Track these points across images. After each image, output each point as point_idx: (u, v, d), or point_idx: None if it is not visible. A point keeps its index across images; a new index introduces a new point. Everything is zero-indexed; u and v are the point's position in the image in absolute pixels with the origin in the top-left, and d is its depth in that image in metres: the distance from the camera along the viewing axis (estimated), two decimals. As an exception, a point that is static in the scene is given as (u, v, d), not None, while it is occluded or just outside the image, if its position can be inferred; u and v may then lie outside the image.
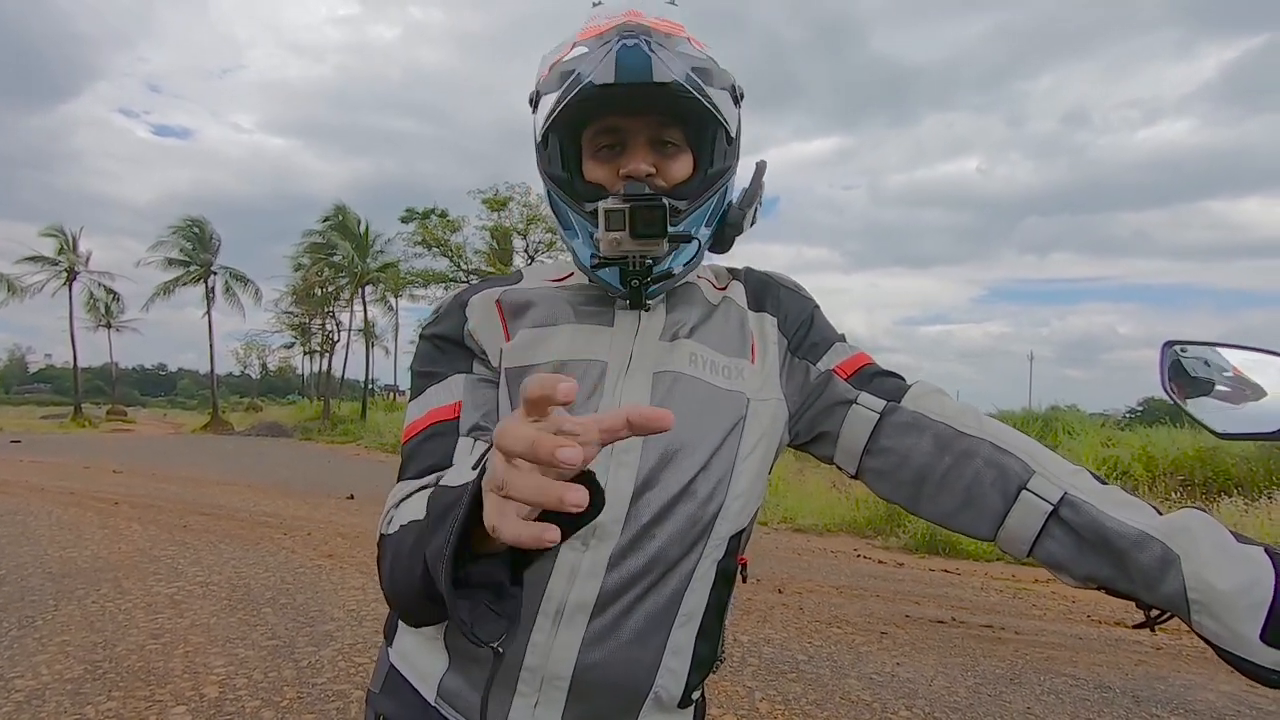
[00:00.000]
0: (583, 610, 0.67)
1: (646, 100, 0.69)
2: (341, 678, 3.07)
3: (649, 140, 0.72)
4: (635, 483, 0.68)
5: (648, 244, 0.68)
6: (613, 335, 0.74)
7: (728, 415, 0.73)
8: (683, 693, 0.72)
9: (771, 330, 0.80)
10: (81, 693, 2.83)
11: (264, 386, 67.36)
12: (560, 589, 0.67)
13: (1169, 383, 0.67)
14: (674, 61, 0.67)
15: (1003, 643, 3.88)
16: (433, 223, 25.75)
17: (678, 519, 0.69)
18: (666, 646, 0.70)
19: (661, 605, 0.69)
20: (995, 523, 0.68)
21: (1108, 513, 0.63)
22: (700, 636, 0.73)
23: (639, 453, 0.69)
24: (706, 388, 0.73)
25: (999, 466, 0.68)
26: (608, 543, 0.68)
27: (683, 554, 0.70)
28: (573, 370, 0.71)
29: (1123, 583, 0.62)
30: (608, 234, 0.67)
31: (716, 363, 0.74)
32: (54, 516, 6.76)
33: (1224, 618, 0.56)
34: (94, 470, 11.43)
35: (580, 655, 0.67)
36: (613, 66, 0.66)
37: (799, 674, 3.30)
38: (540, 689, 0.68)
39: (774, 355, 0.78)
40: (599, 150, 0.73)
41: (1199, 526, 0.59)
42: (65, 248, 31.32)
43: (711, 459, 0.71)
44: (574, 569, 0.68)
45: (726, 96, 0.71)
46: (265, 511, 7.57)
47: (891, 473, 0.73)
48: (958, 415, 0.71)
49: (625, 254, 0.69)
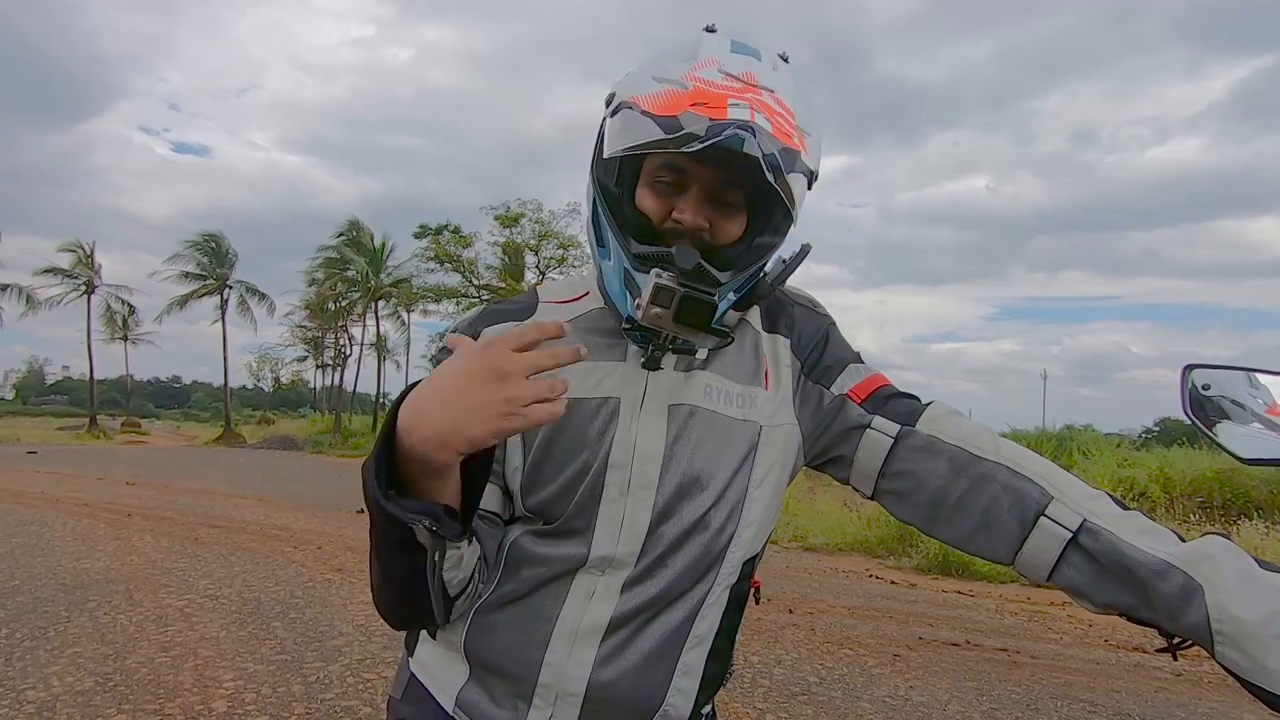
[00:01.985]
0: (595, 632, 0.69)
1: (723, 159, 0.66)
2: (349, 693, 3.06)
3: (710, 192, 0.70)
4: (652, 515, 0.70)
5: (686, 332, 0.67)
6: (624, 371, 0.74)
7: (741, 445, 0.73)
8: (692, 710, 0.73)
9: (785, 353, 0.79)
10: (92, 705, 2.83)
11: (276, 400, 67.82)
12: (575, 612, 0.69)
13: (1190, 406, 0.66)
14: (765, 139, 0.64)
15: (1018, 667, 3.81)
16: (445, 238, 25.99)
17: (692, 549, 0.71)
18: (677, 668, 0.71)
19: (673, 629, 0.71)
20: (1013, 548, 0.67)
21: (1128, 540, 0.62)
22: (711, 657, 0.74)
23: (655, 488, 0.70)
24: (722, 420, 0.73)
25: (1016, 492, 0.67)
26: (623, 570, 0.70)
27: (695, 581, 0.72)
28: (585, 409, 0.71)
29: (1144, 611, 0.62)
30: (651, 307, 0.65)
31: (730, 392, 0.75)
32: (68, 527, 6.81)
33: (1249, 650, 0.55)
34: (108, 482, 11.52)
35: (593, 674, 0.69)
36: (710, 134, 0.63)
37: (810, 696, 3.25)
38: (555, 704, 0.69)
39: (787, 379, 0.78)
40: (657, 183, 0.71)
41: (1222, 554, 0.59)
42: (83, 262, 31.82)
43: (726, 490, 0.72)
44: (589, 593, 0.70)
45: (802, 181, 0.69)
46: (276, 525, 7.59)
47: (908, 496, 0.73)
48: (974, 438, 0.71)
49: (661, 330, 0.67)
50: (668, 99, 0.66)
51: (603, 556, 0.70)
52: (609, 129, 0.71)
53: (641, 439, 0.71)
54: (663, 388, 0.73)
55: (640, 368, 0.73)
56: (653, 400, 0.72)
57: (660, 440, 0.71)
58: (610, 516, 0.70)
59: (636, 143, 0.66)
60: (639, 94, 0.68)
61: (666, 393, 0.73)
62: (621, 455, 0.70)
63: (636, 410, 0.72)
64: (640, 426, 0.71)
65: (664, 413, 0.72)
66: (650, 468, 0.70)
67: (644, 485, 0.70)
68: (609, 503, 0.70)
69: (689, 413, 0.72)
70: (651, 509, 0.70)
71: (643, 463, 0.70)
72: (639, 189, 0.72)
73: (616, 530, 0.70)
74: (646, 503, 0.70)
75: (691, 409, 0.73)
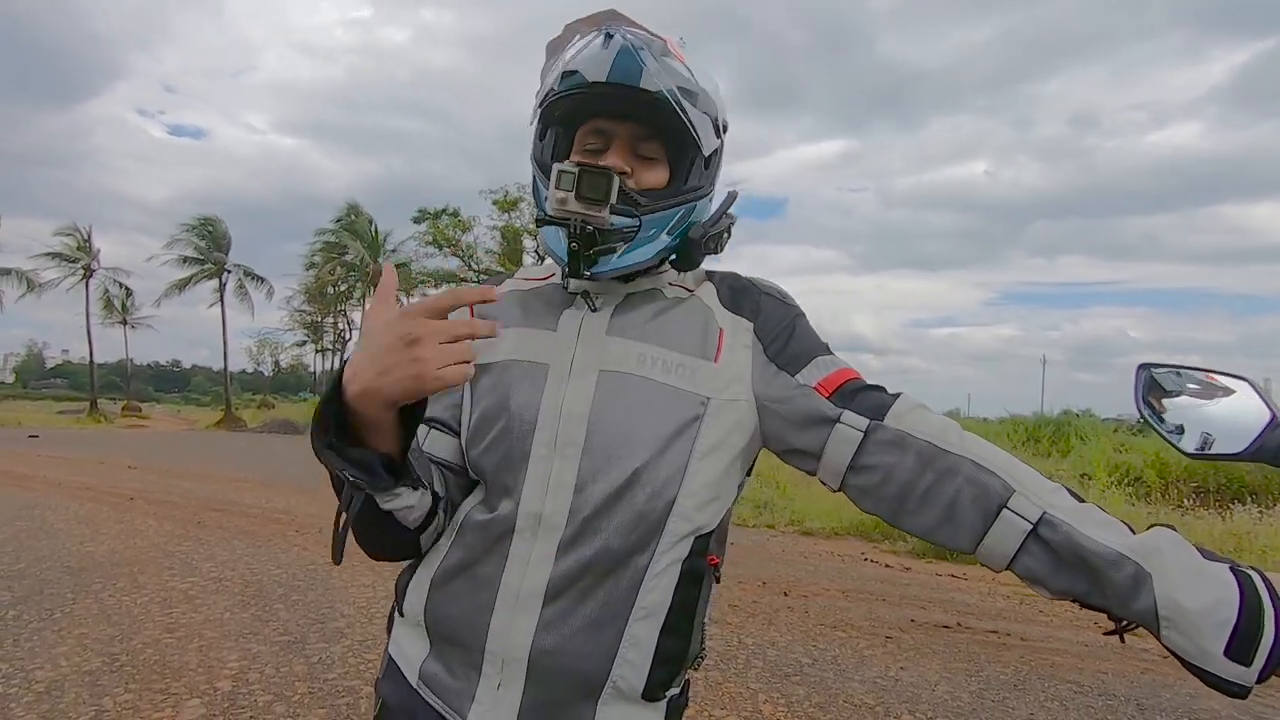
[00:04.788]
0: (535, 596, 0.72)
1: (632, 105, 0.74)
2: (351, 674, 3.12)
3: (631, 146, 0.77)
4: (578, 474, 0.73)
5: (591, 208, 0.71)
6: (555, 338, 0.78)
7: (679, 413, 0.75)
8: (645, 686, 0.74)
9: (745, 334, 0.80)
10: (99, 684, 2.89)
11: (276, 384, 67.86)
12: (515, 577, 0.73)
13: (1142, 403, 0.69)
14: (662, 76, 0.72)
15: (1008, 649, 3.88)
16: (444, 223, 25.90)
17: (623, 512, 0.72)
18: (624, 639, 0.73)
19: (617, 599, 0.73)
20: (975, 539, 0.70)
21: (1085, 532, 0.65)
22: (665, 632, 0.74)
23: (581, 446, 0.73)
24: (655, 386, 0.75)
25: (980, 485, 0.70)
26: (554, 533, 0.72)
27: (633, 549, 0.73)
28: (517, 372, 0.77)
29: (1096, 598, 0.66)
30: (556, 191, 0.71)
31: (669, 361, 0.76)
32: (71, 511, 6.87)
33: (1191, 635, 0.59)
34: (109, 466, 11.59)
35: (535, 639, 0.71)
36: (607, 67, 0.72)
37: (803, 677, 3.32)
38: (501, 670, 0.73)
39: (744, 359, 0.79)
40: (586, 150, 0.78)
41: (1169, 547, 0.63)
42: (81, 245, 31.73)
43: (661, 456, 0.73)
44: (526, 559, 0.73)
45: (708, 122, 0.77)
46: (277, 509, 7.66)
47: (874, 489, 0.74)
48: (940, 433, 0.73)
49: (569, 214, 0.72)
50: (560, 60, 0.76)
51: (531, 513, 0.72)
52: (534, 132, 0.82)
53: (569, 401, 0.74)
54: (593, 353, 0.77)
55: (575, 334, 0.78)
56: (583, 367, 0.76)
57: (586, 403, 0.74)
58: (537, 474, 0.73)
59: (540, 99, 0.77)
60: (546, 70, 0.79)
61: (597, 359, 0.76)
62: (548, 416, 0.74)
63: (565, 375, 0.76)
64: (568, 392, 0.75)
65: (593, 377, 0.75)
66: (576, 427, 0.73)
67: (569, 444, 0.73)
68: (536, 460, 0.73)
69: (619, 379, 0.75)
70: (577, 467, 0.72)
71: (569, 422, 0.74)
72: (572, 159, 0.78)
73: (544, 488, 0.72)
74: (573, 460, 0.72)
75: (623, 376, 0.75)
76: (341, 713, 2.74)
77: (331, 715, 2.71)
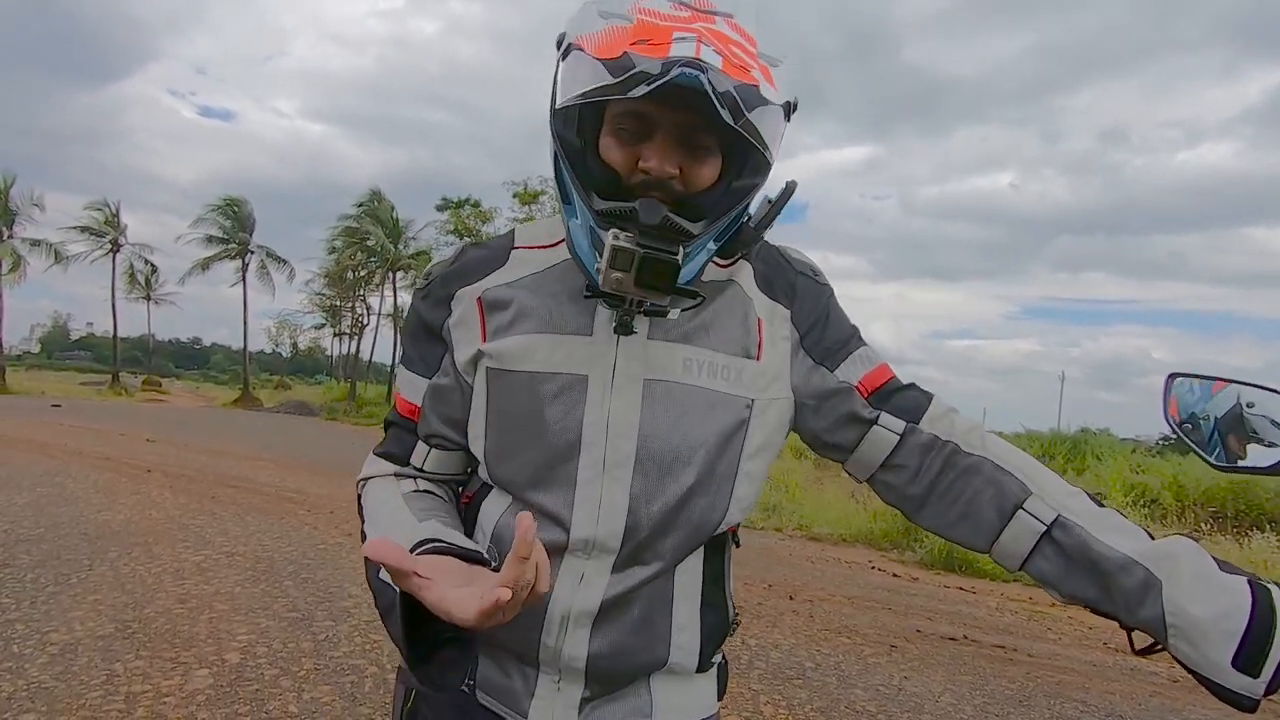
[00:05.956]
0: (588, 615, 0.69)
1: (687, 97, 0.61)
2: (357, 653, 3.15)
3: (678, 136, 0.65)
4: (630, 494, 0.68)
5: (651, 294, 0.63)
6: (590, 345, 0.70)
7: (727, 419, 0.71)
8: (698, 662, 0.75)
9: (783, 324, 0.75)
10: (112, 649, 2.95)
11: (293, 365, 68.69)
12: (565, 596, 0.69)
13: (1170, 413, 0.69)
14: (719, 79, 0.59)
15: (1014, 664, 3.84)
16: (466, 212, 26.04)
17: (680, 529, 0.70)
18: (672, 626, 0.72)
19: (658, 591, 0.72)
20: (990, 537, 0.71)
21: (1098, 536, 0.65)
22: (705, 608, 0.74)
23: (631, 465, 0.68)
24: (702, 393, 0.70)
25: (998, 485, 0.70)
26: (608, 556, 0.69)
27: (683, 557, 0.72)
28: (551, 384, 0.69)
29: (1105, 604, 0.66)
30: (611, 272, 0.61)
31: (715, 364, 0.71)
32: (90, 480, 7.00)
33: (1199, 643, 0.58)
34: (129, 438, 11.78)
35: (590, 648, 0.70)
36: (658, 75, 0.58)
37: (805, 680, 3.31)
38: (560, 673, 0.71)
39: (783, 352, 0.75)
40: (621, 131, 0.66)
41: (1184, 554, 0.62)
42: (109, 220, 32.24)
43: (713, 468, 0.70)
44: (578, 577, 0.69)
45: (777, 114, 0.64)
46: (291, 488, 7.75)
47: (901, 487, 0.75)
48: (965, 434, 0.74)
49: (624, 295, 0.64)
50: (610, 38, 0.61)
51: (584, 539, 0.68)
52: (561, 75, 0.64)
53: (615, 416, 0.68)
54: (635, 361, 0.69)
55: (612, 335, 0.69)
56: (624, 375, 0.69)
57: (635, 415, 0.68)
58: (587, 498, 0.68)
59: (582, 90, 0.61)
60: (584, 33, 0.63)
61: (641, 367, 0.69)
62: (594, 434, 0.68)
63: (607, 386, 0.68)
64: (613, 405, 0.68)
65: (638, 388, 0.69)
66: (625, 445, 0.68)
67: (619, 463, 0.67)
68: (584, 484, 0.68)
69: (665, 389, 0.69)
70: (629, 488, 0.68)
71: (617, 439, 0.67)
72: (602, 139, 0.67)
73: (595, 512, 0.68)
74: (624, 481, 0.68)
75: (668, 385, 0.69)
76: (346, 690, 2.77)
77: (336, 692, 2.75)
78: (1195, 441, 0.68)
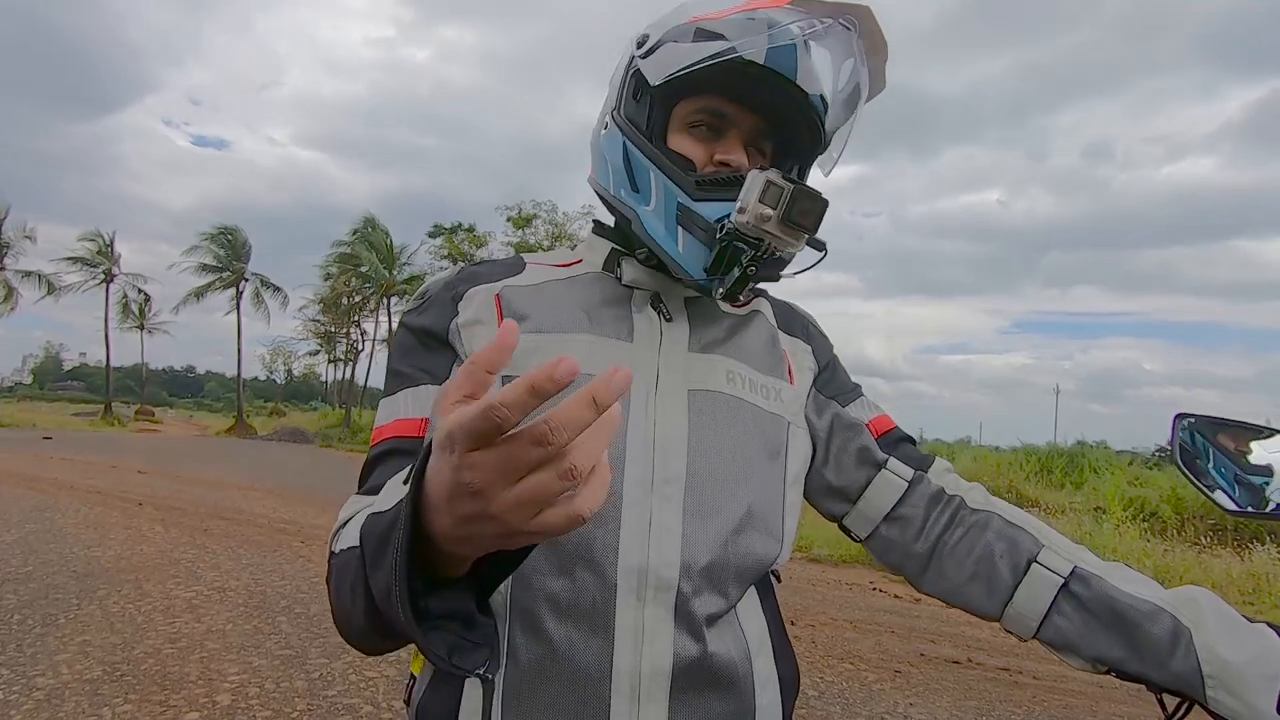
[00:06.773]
0: (662, 676, 0.58)
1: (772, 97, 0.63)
2: (352, 691, 3.08)
3: (748, 139, 0.66)
4: (684, 515, 0.61)
5: (792, 234, 0.59)
6: (631, 351, 0.65)
7: (771, 438, 0.68)
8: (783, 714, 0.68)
9: (805, 357, 0.76)
10: (99, 694, 2.87)
11: (288, 392, 68.32)
12: (628, 659, 0.58)
13: (1180, 455, 0.67)
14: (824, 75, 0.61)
15: (1020, 687, 3.78)
16: (459, 238, 26.15)
17: (741, 556, 0.63)
18: (754, 684, 0.63)
19: (734, 642, 0.63)
20: (1004, 598, 0.67)
21: (1117, 585, 0.63)
22: (778, 660, 0.68)
23: (683, 484, 0.61)
24: (750, 409, 0.67)
25: (1010, 539, 0.68)
26: (668, 594, 0.59)
27: (741, 595, 0.65)
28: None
29: (1133, 663, 0.61)
30: (760, 207, 0.58)
31: (755, 380, 0.68)
32: (80, 514, 6.90)
33: (1239, 692, 0.56)
34: (121, 470, 11.65)
35: None
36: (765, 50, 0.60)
37: (809, 710, 3.25)
38: None
39: (806, 383, 0.74)
40: (694, 128, 0.65)
41: (1205, 600, 0.60)
42: (103, 251, 32.23)
43: (764, 488, 0.66)
44: (637, 629, 0.58)
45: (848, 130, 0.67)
46: (284, 518, 7.65)
47: (906, 544, 0.72)
48: (970, 490, 0.72)
49: (762, 235, 0.60)
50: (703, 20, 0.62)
51: (634, 568, 0.59)
52: (650, 64, 0.64)
53: (662, 428, 0.62)
54: (678, 372, 0.65)
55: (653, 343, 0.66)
56: (670, 386, 0.64)
57: (683, 428, 0.63)
58: (635, 520, 0.60)
59: (698, 58, 0.60)
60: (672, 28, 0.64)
61: (683, 377, 0.65)
62: (639, 448, 0.61)
63: (651, 395, 0.63)
64: (659, 414, 0.63)
65: (683, 398, 0.64)
66: (675, 460, 0.61)
67: (669, 480, 0.61)
68: (631, 504, 0.60)
69: (711, 400, 0.65)
70: (682, 508, 0.61)
71: (665, 454, 0.61)
72: (672, 136, 0.66)
73: (644, 537, 0.59)
74: (675, 500, 0.60)
75: (714, 395, 0.65)
76: (340, 731, 2.70)
77: (330, 734, 2.68)
78: (1206, 485, 0.66)
